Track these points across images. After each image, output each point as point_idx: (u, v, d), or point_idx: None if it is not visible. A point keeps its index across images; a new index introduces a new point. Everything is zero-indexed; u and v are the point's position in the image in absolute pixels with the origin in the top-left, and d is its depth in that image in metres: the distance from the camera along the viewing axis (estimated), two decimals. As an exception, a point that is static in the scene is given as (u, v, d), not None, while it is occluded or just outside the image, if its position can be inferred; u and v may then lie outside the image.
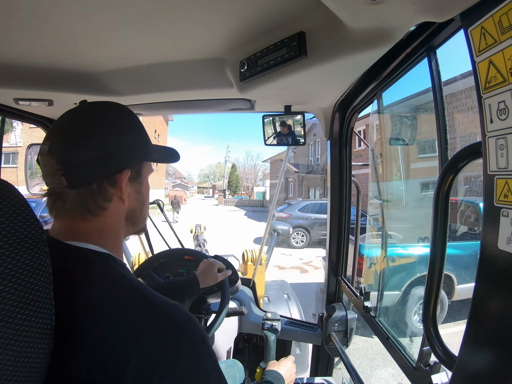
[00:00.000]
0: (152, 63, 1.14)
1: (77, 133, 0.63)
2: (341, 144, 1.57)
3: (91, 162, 0.62)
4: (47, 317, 0.45)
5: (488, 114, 0.51)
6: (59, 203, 0.63)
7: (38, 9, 0.78)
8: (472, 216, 4.94)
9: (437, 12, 0.58)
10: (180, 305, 0.60)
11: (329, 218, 1.70)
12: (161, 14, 0.81)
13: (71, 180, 0.61)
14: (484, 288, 0.53)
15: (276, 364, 1.30)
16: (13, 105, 1.41)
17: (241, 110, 1.57)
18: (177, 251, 1.76)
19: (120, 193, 0.66)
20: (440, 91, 0.79)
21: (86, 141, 0.62)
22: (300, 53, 0.85)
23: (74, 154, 0.61)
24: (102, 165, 0.63)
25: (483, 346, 0.53)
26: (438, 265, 0.73)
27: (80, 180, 0.62)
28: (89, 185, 0.63)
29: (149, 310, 0.56)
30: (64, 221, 0.64)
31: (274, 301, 2.70)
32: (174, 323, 0.55)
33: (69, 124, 0.66)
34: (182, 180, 68.44)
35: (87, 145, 0.62)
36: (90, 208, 0.63)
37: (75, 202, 0.62)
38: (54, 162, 0.61)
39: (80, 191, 0.62)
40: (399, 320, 3.80)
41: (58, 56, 1.06)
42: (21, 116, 1.55)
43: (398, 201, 2.01)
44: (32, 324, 0.42)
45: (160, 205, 2.07)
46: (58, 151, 0.62)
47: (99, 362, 0.50)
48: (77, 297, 0.55)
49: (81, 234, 0.63)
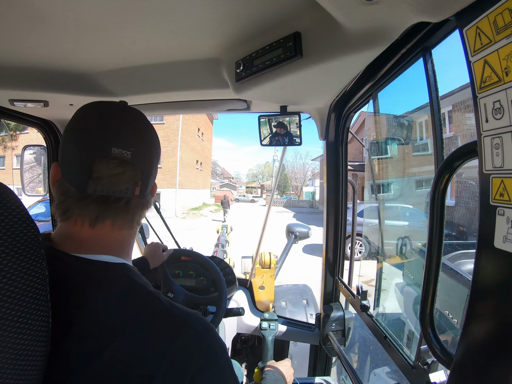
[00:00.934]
0: (147, 64, 1.14)
1: (152, 142, 0.64)
2: (337, 144, 1.57)
3: (156, 173, 0.66)
4: (43, 320, 0.44)
5: (483, 113, 0.51)
6: (115, 211, 0.59)
7: (33, 10, 0.78)
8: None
9: (433, 12, 0.58)
10: (199, 314, 0.60)
11: (326, 217, 1.70)
12: (157, 14, 0.80)
13: (143, 190, 0.62)
14: (481, 286, 0.54)
15: (275, 364, 1.31)
16: (8, 106, 1.40)
17: (237, 111, 1.57)
18: (174, 252, 1.76)
19: (151, 203, 0.68)
20: (435, 91, 0.79)
21: (155, 152, 0.64)
22: (295, 54, 0.85)
23: (153, 164, 0.63)
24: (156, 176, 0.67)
25: (481, 344, 0.54)
26: (434, 264, 0.73)
27: (147, 191, 0.64)
28: (149, 195, 0.66)
29: (171, 321, 0.54)
30: (104, 231, 0.60)
31: (291, 306, 2.60)
32: (197, 334, 0.55)
33: (142, 132, 0.63)
34: (230, 180, 68.31)
35: (156, 157, 0.65)
36: (136, 218, 0.64)
37: (134, 211, 0.63)
38: (137, 172, 0.60)
39: (144, 201, 0.64)
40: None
41: (54, 56, 1.06)
42: (17, 118, 1.54)
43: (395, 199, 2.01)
44: (28, 326, 0.42)
45: (156, 206, 2.06)
46: (144, 160, 0.61)
47: (121, 378, 0.48)
48: (96, 310, 0.52)
49: (107, 244, 0.60)
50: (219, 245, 3.95)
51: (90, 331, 0.50)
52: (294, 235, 2.61)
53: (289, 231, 2.65)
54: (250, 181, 77.06)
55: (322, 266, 1.78)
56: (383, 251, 1.59)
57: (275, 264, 2.38)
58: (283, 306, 2.58)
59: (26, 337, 0.42)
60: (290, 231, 2.64)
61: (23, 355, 0.41)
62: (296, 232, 2.62)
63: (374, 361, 2.55)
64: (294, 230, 2.63)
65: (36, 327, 0.43)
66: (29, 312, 0.42)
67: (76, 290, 0.53)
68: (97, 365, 0.48)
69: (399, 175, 2.23)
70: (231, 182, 65.65)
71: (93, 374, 0.47)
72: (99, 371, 0.48)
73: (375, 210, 8.78)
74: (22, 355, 0.41)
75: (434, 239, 0.72)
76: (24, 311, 0.41)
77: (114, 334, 0.50)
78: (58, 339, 0.48)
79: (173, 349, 0.51)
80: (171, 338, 0.52)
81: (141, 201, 0.63)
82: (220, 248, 3.80)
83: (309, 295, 2.78)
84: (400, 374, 0.98)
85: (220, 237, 4.26)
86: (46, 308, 0.45)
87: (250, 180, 77.28)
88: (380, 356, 2.45)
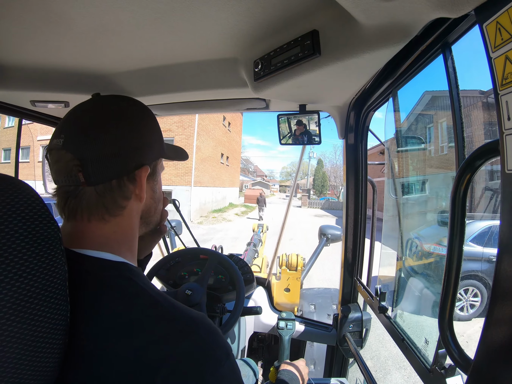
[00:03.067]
0: (165, 64, 1.15)
1: (97, 126, 0.59)
2: (357, 143, 1.55)
3: (110, 157, 0.58)
4: (62, 313, 0.46)
5: (505, 111, 0.50)
6: (73, 202, 0.59)
7: (52, 14, 0.81)
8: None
9: (451, 7, 0.57)
10: (203, 317, 0.57)
11: (345, 217, 1.69)
12: (172, 15, 0.82)
13: (89, 177, 0.57)
14: (501, 290, 0.52)
15: (289, 364, 1.31)
16: (29, 107, 1.45)
17: (256, 110, 1.57)
18: (193, 251, 1.79)
19: (140, 191, 0.63)
20: (456, 88, 0.77)
21: (105, 134, 0.59)
22: (314, 52, 0.84)
23: (94, 148, 0.57)
24: (121, 161, 0.60)
25: (500, 349, 0.52)
26: (455, 267, 0.71)
27: (98, 177, 0.58)
28: (108, 182, 0.59)
29: (173, 327, 0.52)
30: (78, 223, 0.59)
31: (319, 310, 2.55)
32: (200, 339, 0.52)
33: (85, 117, 0.61)
34: (263, 178, 66.15)
35: (106, 139, 0.58)
36: (108, 207, 0.60)
37: (92, 200, 0.58)
38: (70, 157, 0.57)
39: (99, 188, 0.59)
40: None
41: (73, 58, 1.09)
42: (37, 118, 1.58)
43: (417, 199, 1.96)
44: (47, 320, 0.43)
45: (176, 204, 2.09)
46: (74, 145, 0.57)
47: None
48: (91, 318, 0.51)
49: (95, 240, 0.59)
50: (251, 244, 3.80)
51: (90, 331, 0.50)
52: (326, 237, 2.52)
53: (321, 233, 2.55)
54: (284, 179, 75.09)
55: (340, 266, 1.77)
56: (402, 251, 1.56)
57: (302, 266, 2.33)
58: (312, 310, 2.54)
59: (45, 329, 0.43)
60: (322, 233, 2.54)
61: (41, 347, 0.43)
62: (328, 234, 2.52)
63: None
64: (326, 232, 2.53)
65: (55, 321, 0.44)
66: (48, 306, 0.44)
67: (74, 288, 0.52)
68: (96, 367, 0.48)
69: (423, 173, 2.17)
70: (264, 180, 63.45)
71: (91, 375, 0.48)
72: (96, 374, 0.48)
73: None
74: (40, 347, 0.43)
75: (455, 240, 0.70)
76: (43, 305, 0.43)
77: (115, 337, 0.49)
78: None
79: (174, 355, 0.49)
80: (172, 345, 0.50)
81: (97, 189, 0.59)
82: (251, 247, 3.64)
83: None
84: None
85: (253, 236, 4.11)
86: (65, 302, 0.47)
87: (284, 178, 75.43)
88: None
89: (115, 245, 0.61)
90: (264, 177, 70.77)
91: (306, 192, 45.20)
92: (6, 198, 0.42)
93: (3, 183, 0.44)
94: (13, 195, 0.43)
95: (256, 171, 71.89)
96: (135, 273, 0.59)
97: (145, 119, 0.67)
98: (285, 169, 77.52)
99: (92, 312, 0.51)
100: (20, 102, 1.41)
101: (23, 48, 1.00)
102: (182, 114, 1.64)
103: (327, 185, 50.13)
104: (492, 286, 0.54)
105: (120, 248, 0.62)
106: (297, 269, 2.30)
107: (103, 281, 0.55)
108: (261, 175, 71.69)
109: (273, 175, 79.38)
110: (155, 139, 0.68)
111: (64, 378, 0.48)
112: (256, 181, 57.81)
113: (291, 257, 2.32)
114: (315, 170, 52.33)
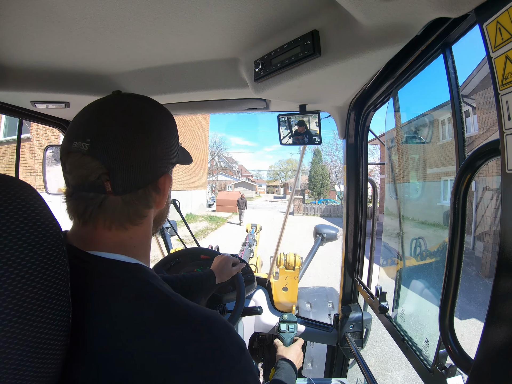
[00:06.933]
0: (166, 65, 1.16)
1: (128, 135, 0.56)
2: (357, 143, 1.55)
3: (141, 167, 0.56)
4: (63, 315, 0.46)
5: (505, 111, 0.49)
6: (96, 210, 0.56)
7: (52, 14, 0.81)
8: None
9: (451, 7, 0.57)
10: (217, 315, 0.56)
11: (346, 217, 1.69)
12: (173, 16, 0.82)
13: (117, 186, 0.55)
14: (502, 290, 0.52)
15: (286, 350, 1.35)
16: (30, 108, 1.45)
17: (256, 110, 1.58)
18: (193, 251, 1.79)
19: (163, 198, 0.62)
20: (456, 88, 0.77)
21: (137, 143, 0.56)
22: (314, 52, 0.85)
23: (125, 157, 0.55)
24: (150, 170, 0.58)
25: (501, 349, 0.52)
26: (455, 266, 0.71)
27: (127, 186, 0.56)
28: (134, 191, 0.57)
29: (186, 326, 0.52)
30: (98, 230, 0.58)
31: (315, 308, 2.56)
32: (214, 338, 0.52)
33: (114, 122, 0.57)
34: (249, 178, 62.63)
35: (137, 148, 0.56)
36: (131, 217, 0.59)
37: (117, 209, 0.57)
38: (97, 165, 0.54)
39: (126, 198, 0.57)
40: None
41: (74, 58, 1.09)
42: (38, 118, 1.58)
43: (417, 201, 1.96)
44: (48, 321, 0.43)
45: (176, 204, 2.10)
46: (104, 152, 0.54)
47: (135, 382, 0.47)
48: (104, 318, 0.50)
49: (111, 244, 0.58)
50: (246, 244, 3.87)
51: (103, 331, 0.49)
52: (321, 236, 2.56)
53: (317, 233, 2.60)
54: (271, 179, 70.98)
55: (341, 266, 1.77)
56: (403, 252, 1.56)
57: (300, 265, 2.35)
58: (308, 308, 2.55)
59: (47, 331, 0.43)
60: (318, 232, 2.59)
61: (43, 348, 0.42)
62: (324, 233, 2.56)
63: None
64: (322, 232, 2.57)
65: (56, 322, 0.44)
66: (50, 307, 0.43)
67: (87, 288, 0.52)
68: (109, 367, 0.47)
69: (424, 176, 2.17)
70: (250, 180, 59.08)
71: (104, 374, 0.47)
72: (109, 374, 0.47)
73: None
74: (42, 348, 0.42)
75: (455, 241, 0.70)
76: (45, 306, 0.43)
77: (129, 336, 0.49)
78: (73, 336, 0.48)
79: (190, 354, 0.49)
80: (187, 344, 0.50)
81: (123, 199, 0.57)
82: (247, 247, 3.72)
83: (335, 298, 2.72)
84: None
85: (248, 236, 4.18)
86: (66, 303, 0.46)
87: (272, 178, 70.90)
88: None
89: (132, 249, 0.61)
90: (250, 177, 67.44)
91: (301, 194, 35.46)
92: (8, 199, 0.42)
93: (3, 183, 0.43)
94: (15, 195, 0.43)
95: (241, 171, 68.55)
96: (149, 274, 0.59)
97: (170, 125, 0.65)
98: (272, 168, 72.81)
99: (106, 311, 0.51)
100: (21, 103, 1.41)
101: (23, 49, 1.00)
102: (182, 115, 1.64)
103: (327, 183, 39.59)
104: (492, 286, 0.54)
105: (136, 252, 0.61)
106: (295, 268, 2.32)
107: (118, 282, 0.54)
108: (246, 175, 68.28)
109: (260, 175, 75.90)
110: (175, 145, 0.66)
111: (74, 378, 0.48)
112: (239, 181, 53.53)
113: (288, 256, 2.35)
114: (310, 165, 40.55)
